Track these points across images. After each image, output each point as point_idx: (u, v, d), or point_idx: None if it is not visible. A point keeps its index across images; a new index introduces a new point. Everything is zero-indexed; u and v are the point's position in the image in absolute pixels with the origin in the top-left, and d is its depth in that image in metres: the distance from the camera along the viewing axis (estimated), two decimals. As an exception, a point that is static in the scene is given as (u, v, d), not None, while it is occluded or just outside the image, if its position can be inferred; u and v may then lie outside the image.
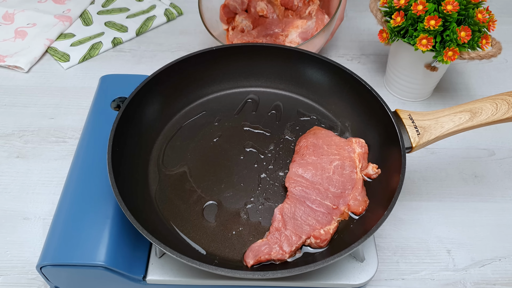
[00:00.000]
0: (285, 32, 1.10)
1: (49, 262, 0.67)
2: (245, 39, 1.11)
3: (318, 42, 1.05)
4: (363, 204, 0.75)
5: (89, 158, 0.80)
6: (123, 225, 0.72)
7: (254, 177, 0.81)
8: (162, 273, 0.72)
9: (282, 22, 1.13)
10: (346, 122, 0.89)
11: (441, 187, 0.93)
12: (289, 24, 1.12)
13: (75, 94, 1.09)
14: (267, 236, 0.71)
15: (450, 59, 0.90)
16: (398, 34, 0.95)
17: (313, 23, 1.09)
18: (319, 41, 1.04)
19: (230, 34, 1.15)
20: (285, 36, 1.10)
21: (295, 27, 1.11)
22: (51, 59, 1.17)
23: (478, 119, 0.77)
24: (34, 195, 0.90)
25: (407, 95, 1.08)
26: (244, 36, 1.12)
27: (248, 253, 0.69)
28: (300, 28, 1.10)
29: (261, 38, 1.10)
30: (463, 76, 1.15)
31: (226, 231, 0.74)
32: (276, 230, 0.71)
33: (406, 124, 0.77)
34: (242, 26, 1.15)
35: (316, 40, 1.02)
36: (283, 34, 1.10)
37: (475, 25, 0.90)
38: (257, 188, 0.79)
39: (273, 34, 1.10)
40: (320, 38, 1.03)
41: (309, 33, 1.09)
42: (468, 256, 0.84)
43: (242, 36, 1.12)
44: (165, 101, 0.88)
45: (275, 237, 0.70)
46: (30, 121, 1.03)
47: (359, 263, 0.73)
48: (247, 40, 1.10)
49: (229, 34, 1.16)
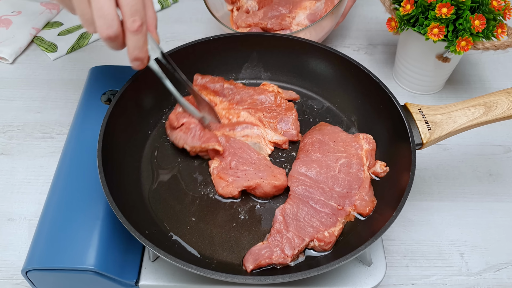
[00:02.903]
0: (293, 14, 1.10)
1: (35, 266, 0.67)
2: (250, 20, 1.11)
3: (327, 25, 1.04)
4: (370, 205, 0.75)
5: (77, 155, 0.80)
6: (114, 226, 0.72)
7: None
8: (155, 277, 0.72)
9: (290, 3, 1.13)
10: (352, 117, 0.89)
11: (453, 186, 0.93)
12: (297, 5, 1.12)
13: (63, 87, 1.09)
14: (268, 239, 0.71)
15: (463, 50, 0.90)
16: (407, 23, 0.95)
17: (322, 4, 1.08)
18: (328, 24, 1.04)
19: (234, 15, 1.15)
20: (292, 18, 1.10)
21: (303, 8, 1.11)
22: (37, 50, 1.17)
23: (493, 113, 0.77)
24: (19, 195, 0.90)
25: (418, 88, 1.08)
26: (249, 17, 1.11)
27: (247, 257, 0.69)
28: (309, 10, 1.10)
29: (267, 20, 1.09)
30: (477, 68, 1.15)
31: (224, 233, 0.74)
32: (278, 232, 0.71)
33: (416, 119, 0.77)
34: (247, 6, 1.15)
35: (325, 23, 1.02)
36: (290, 16, 1.10)
37: (490, 13, 0.90)
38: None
39: (280, 16, 1.10)
40: (329, 20, 1.03)
41: (317, 15, 1.08)
42: (482, 259, 0.84)
43: (247, 17, 1.12)
44: (159, 94, 0.87)
45: (277, 240, 0.70)
46: (14, 115, 1.03)
47: (366, 267, 0.73)
48: (252, 22, 1.10)
49: (233, 15, 1.15)
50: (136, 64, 0.70)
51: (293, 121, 0.86)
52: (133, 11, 0.64)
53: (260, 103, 0.88)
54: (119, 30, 0.64)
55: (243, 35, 0.92)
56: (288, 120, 0.86)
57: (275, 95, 0.89)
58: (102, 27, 0.64)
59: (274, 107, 0.88)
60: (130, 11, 0.63)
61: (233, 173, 0.78)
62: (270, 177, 0.77)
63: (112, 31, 0.64)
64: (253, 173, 0.77)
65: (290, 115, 0.87)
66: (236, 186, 0.76)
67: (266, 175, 0.77)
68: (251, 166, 0.79)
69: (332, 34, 1.21)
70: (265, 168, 0.78)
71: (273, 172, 0.78)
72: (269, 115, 0.87)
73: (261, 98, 0.88)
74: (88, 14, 0.64)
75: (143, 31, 0.66)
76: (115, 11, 0.63)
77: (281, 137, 0.84)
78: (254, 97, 0.88)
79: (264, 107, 0.88)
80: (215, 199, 0.78)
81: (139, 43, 0.67)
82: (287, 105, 0.88)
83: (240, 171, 0.78)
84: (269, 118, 0.86)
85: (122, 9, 0.64)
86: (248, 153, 0.81)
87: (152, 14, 0.71)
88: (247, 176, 0.77)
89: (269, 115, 0.87)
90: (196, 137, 0.80)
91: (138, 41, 0.66)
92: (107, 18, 0.63)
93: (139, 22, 0.64)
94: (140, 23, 0.65)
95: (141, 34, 0.66)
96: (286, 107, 0.88)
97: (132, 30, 0.65)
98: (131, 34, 0.65)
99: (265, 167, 0.79)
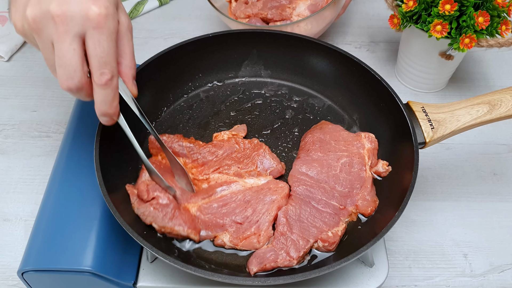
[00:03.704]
0: (293, 4, 1.10)
1: (31, 267, 0.67)
2: (249, 11, 1.10)
3: (328, 16, 1.04)
4: (372, 205, 0.75)
5: (74, 154, 0.80)
6: (112, 227, 0.72)
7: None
8: (154, 279, 0.72)
9: (290, -7, 1.12)
10: (354, 115, 0.89)
11: (457, 186, 0.93)
12: (297, -5, 1.12)
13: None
14: (272, 242, 0.70)
15: (466, 47, 0.90)
16: (410, 20, 0.95)
17: None
18: (329, 14, 1.03)
19: (232, 6, 1.14)
20: (292, 8, 1.10)
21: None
22: (33, 47, 1.16)
23: (497, 111, 0.77)
24: (15, 195, 0.90)
25: (420, 86, 1.08)
26: (248, 8, 1.11)
27: (251, 259, 0.69)
28: (309, 0, 1.09)
29: (267, 10, 1.09)
30: (481, 65, 1.15)
31: (224, 234, 0.74)
32: (282, 234, 0.71)
33: (419, 117, 0.77)
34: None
35: (326, 13, 1.01)
36: (290, 7, 1.10)
37: (494, 9, 0.90)
38: (257, 187, 0.79)
39: (280, 6, 1.10)
40: (331, 11, 1.02)
41: (318, 6, 1.08)
42: (486, 260, 0.84)
43: (245, 8, 1.11)
44: (157, 92, 0.87)
45: (281, 243, 0.70)
46: (10, 114, 1.03)
47: (368, 268, 0.73)
48: (251, 13, 1.10)
49: (231, 6, 1.15)
50: (104, 119, 0.64)
51: (270, 156, 0.80)
52: (102, 63, 0.58)
53: (226, 157, 0.81)
54: (81, 82, 0.59)
55: (243, 32, 0.92)
56: (265, 157, 0.80)
57: (234, 142, 0.82)
58: (62, 77, 0.58)
59: (242, 153, 0.81)
60: (99, 63, 0.58)
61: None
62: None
63: (72, 83, 0.59)
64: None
65: (263, 152, 0.81)
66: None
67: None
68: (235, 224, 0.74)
69: (333, 31, 1.21)
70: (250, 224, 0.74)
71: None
72: (243, 164, 0.80)
73: (224, 152, 0.81)
74: (51, 60, 0.59)
75: (113, 85, 0.60)
76: (79, 60, 0.58)
77: (268, 177, 0.79)
78: (217, 154, 0.81)
79: (233, 159, 0.81)
80: (215, 199, 0.78)
81: (108, 98, 0.61)
82: (251, 145, 0.82)
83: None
84: (246, 167, 0.80)
85: (90, 60, 0.58)
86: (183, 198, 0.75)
87: (129, 62, 0.65)
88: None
89: (243, 164, 0.80)
90: (168, 217, 0.70)
91: (107, 95, 0.61)
92: (68, 69, 0.58)
93: (109, 75, 0.59)
94: (110, 76, 0.59)
95: (110, 88, 0.60)
96: (252, 146, 0.82)
97: (100, 84, 0.59)
98: (98, 88, 0.60)
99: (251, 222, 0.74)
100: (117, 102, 0.63)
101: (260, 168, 0.80)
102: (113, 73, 0.60)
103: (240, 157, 0.81)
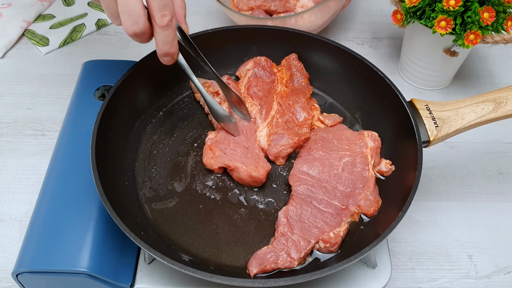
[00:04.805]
0: None
1: (26, 268, 0.67)
2: (251, 3, 1.10)
3: (333, 6, 1.03)
4: (375, 205, 0.75)
5: (70, 153, 0.80)
6: (109, 227, 0.72)
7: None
8: (151, 280, 0.72)
9: (294, -16, 1.13)
10: (356, 113, 0.89)
11: (461, 186, 0.93)
12: (301, -14, 1.12)
13: (55, 82, 1.09)
14: (273, 243, 0.70)
15: (471, 43, 0.90)
16: (414, 15, 0.95)
17: None
18: (334, 5, 1.03)
19: None
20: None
21: None
22: (28, 43, 1.16)
23: (503, 109, 0.76)
24: (10, 194, 0.90)
25: (424, 83, 1.08)
26: (251, 0, 1.11)
27: (251, 261, 0.69)
28: None
29: (270, 1, 1.09)
30: (486, 62, 1.15)
31: (222, 235, 0.74)
32: (282, 235, 0.71)
33: (423, 116, 0.77)
34: None
35: (331, 3, 1.01)
36: None
37: (499, 5, 0.90)
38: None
39: None
40: (336, 1, 1.02)
41: None
42: (491, 262, 0.84)
43: (248, 0, 1.11)
44: (155, 89, 0.87)
45: (282, 243, 0.70)
46: (4, 112, 1.03)
47: (370, 270, 0.73)
48: (254, 5, 1.10)
49: None
50: (166, 59, 0.69)
51: (287, 143, 0.82)
52: (162, 5, 0.62)
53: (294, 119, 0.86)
54: (145, 26, 0.63)
55: (243, 28, 0.92)
56: (286, 142, 0.82)
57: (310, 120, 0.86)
58: (127, 24, 0.63)
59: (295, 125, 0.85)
60: (159, 5, 0.62)
61: (223, 148, 0.79)
62: (250, 166, 0.77)
63: (138, 28, 0.63)
64: (239, 156, 0.79)
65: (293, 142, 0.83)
66: (217, 161, 0.78)
67: (249, 163, 0.78)
68: (242, 149, 0.80)
69: (335, 27, 1.21)
70: (252, 156, 0.79)
71: (257, 163, 0.78)
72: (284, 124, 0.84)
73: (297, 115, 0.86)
74: (114, 8, 0.63)
75: (173, 26, 0.65)
76: (141, 5, 0.62)
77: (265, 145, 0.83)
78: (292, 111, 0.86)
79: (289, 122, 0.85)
80: (214, 199, 0.78)
81: (169, 38, 0.66)
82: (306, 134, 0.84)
83: (229, 149, 0.80)
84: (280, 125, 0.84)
85: (150, 3, 0.62)
86: (246, 136, 0.82)
87: (180, 2, 0.70)
88: (232, 156, 0.78)
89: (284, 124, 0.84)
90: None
91: (168, 36, 0.65)
92: (133, 14, 0.62)
93: (169, 16, 0.63)
94: (170, 17, 0.63)
95: (171, 29, 0.65)
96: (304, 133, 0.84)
97: (162, 26, 0.64)
98: (160, 30, 0.64)
99: (253, 155, 0.80)
100: (176, 41, 0.68)
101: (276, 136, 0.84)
102: (172, 14, 0.64)
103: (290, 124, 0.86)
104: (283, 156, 0.81)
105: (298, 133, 0.83)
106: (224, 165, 0.78)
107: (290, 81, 0.89)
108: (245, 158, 0.78)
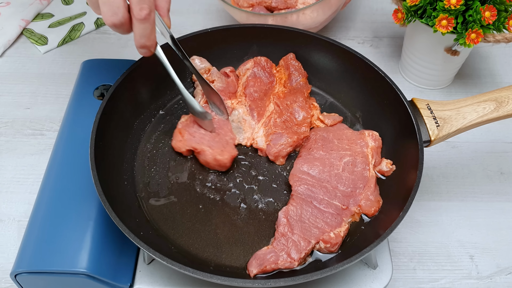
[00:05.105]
0: None
1: (25, 269, 0.67)
2: (252, 0, 1.10)
3: (335, 3, 1.03)
4: (375, 205, 0.75)
5: (69, 152, 0.80)
6: (108, 227, 0.72)
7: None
8: (151, 281, 0.72)
9: (295, -20, 1.12)
10: (357, 113, 0.89)
11: (463, 185, 0.93)
12: (302, -18, 1.11)
13: (54, 81, 1.08)
14: (273, 243, 0.70)
15: (473, 42, 0.90)
16: (415, 14, 0.95)
17: None
18: (335, 1, 1.03)
19: None
20: None
21: None
22: (26, 42, 1.16)
23: (505, 109, 0.76)
24: (8, 194, 0.90)
25: (425, 83, 1.08)
26: None
27: (251, 261, 0.69)
28: None
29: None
30: (488, 61, 1.15)
31: (222, 235, 0.74)
32: (282, 235, 0.71)
33: (424, 115, 0.77)
34: None
35: (333, 0, 1.02)
36: None
37: (501, 4, 0.89)
38: (258, 185, 0.79)
39: None
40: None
41: None
42: (493, 262, 0.84)
43: None
44: (154, 89, 0.87)
45: (282, 244, 0.70)
46: (3, 111, 1.02)
47: (371, 270, 0.73)
48: (255, 2, 1.09)
49: None
50: (143, 51, 0.71)
51: (287, 142, 0.82)
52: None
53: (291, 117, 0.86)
54: (124, 17, 0.65)
55: (243, 27, 0.92)
56: (286, 141, 0.82)
57: (309, 119, 0.86)
58: (107, 14, 0.64)
59: (294, 124, 0.86)
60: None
61: (192, 132, 0.81)
62: (217, 150, 0.79)
63: (117, 19, 0.64)
64: (207, 140, 0.80)
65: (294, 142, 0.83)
66: (185, 144, 0.80)
67: (216, 147, 0.79)
68: (211, 134, 0.81)
69: (335, 25, 1.21)
70: (220, 141, 0.81)
71: (224, 147, 0.80)
72: (283, 124, 0.85)
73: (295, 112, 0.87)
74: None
75: (151, 19, 0.66)
76: None
77: (263, 146, 0.84)
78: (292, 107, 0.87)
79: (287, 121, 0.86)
80: (213, 199, 0.78)
81: (146, 31, 0.67)
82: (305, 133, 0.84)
83: (198, 133, 0.81)
84: (279, 125, 0.85)
85: None
86: (219, 124, 0.83)
87: None
88: (200, 140, 0.80)
89: (283, 124, 0.85)
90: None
91: (145, 29, 0.67)
92: (112, 5, 0.63)
93: (147, 10, 0.64)
94: (148, 11, 0.65)
95: (149, 23, 0.66)
96: (303, 131, 0.84)
97: (139, 19, 0.65)
98: (138, 22, 0.66)
99: (222, 141, 0.81)
100: (154, 35, 0.69)
101: (274, 136, 0.84)
102: (151, 8, 0.65)
103: (288, 123, 0.86)
104: (283, 156, 0.81)
105: (297, 132, 0.83)
106: (192, 148, 0.80)
107: (288, 81, 0.90)
108: (213, 142, 0.80)
